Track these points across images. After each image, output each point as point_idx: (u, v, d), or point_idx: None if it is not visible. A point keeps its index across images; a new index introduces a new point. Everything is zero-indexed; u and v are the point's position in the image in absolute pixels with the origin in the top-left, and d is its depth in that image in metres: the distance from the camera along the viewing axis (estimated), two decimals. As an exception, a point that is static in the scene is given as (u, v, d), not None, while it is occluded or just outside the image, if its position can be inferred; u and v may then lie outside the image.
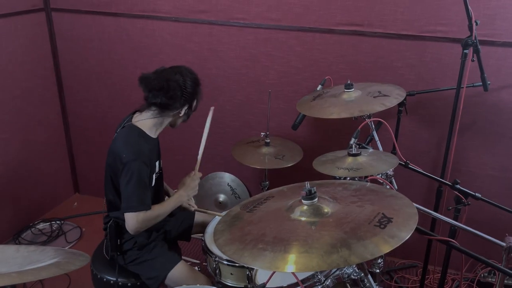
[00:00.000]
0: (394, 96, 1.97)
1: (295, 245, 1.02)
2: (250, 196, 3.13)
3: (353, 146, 1.64)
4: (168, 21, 2.93)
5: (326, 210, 1.17)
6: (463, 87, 2.06)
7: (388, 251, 0.99)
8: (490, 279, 2.64)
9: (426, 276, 2.58)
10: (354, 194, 1.28)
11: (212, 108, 2.20)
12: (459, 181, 1.86)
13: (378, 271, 2.02)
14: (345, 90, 2.06)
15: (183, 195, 2.02)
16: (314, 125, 2.82)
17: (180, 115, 1.99)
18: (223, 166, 3.10)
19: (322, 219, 1.14)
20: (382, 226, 1.06)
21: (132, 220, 1.84)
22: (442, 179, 2.13)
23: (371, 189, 1.33)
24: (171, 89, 1.89)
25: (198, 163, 2.14)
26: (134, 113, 2.02)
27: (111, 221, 1.99)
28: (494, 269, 1.58)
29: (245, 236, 1.12)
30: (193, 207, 2.14)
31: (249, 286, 1.97)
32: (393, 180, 2.02)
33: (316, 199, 1.19)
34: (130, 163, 1.83)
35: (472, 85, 2.22)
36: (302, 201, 1.19)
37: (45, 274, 0.91)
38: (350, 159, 1.63)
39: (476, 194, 1.85)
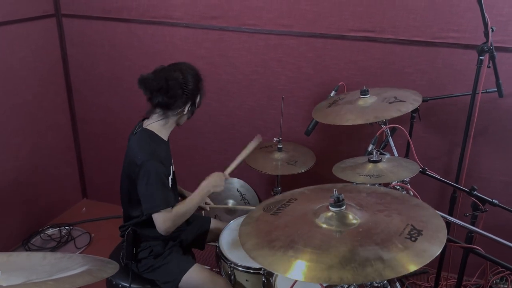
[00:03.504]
0: (410, 102, 1.97)
1: (327, 256, 1.02)
2: (260, 202, 3.13)
3: (374, 152, 1.63)
4: (179, 27, 2.94)
5: (354, 219, 1.16)
6: (478, 93, 2.06)
7: (421, 266, 0.98)
8: (502, 286, 2.64)
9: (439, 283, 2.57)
10: (380, 202, 1.28)
11: (259, 137, 2.24)
12: (476, 187, 1.87)
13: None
14: (361, 96, 2.06)
15: (209, 186, 2.01)
16: (325, 131, 2.82)
17: (184, 113, 1.96)
18: (233, 172, 3.09)
19: (351, 228, 1.13)
20: (413, 239, 1.05)
21: (160, 221, 1.84)
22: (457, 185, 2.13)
23: (395, 196, 1.33)
24: (171, 88, 1.87)
25: (231, 167, 2.15)
26: (143, 120, 2.03)
27: (129, 229, 1.98)
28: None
29: (274, 241, 1.11)
30: (208, 204, 2.13)
31: (264, 292, 1.96)
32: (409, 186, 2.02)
33: (344, 206, 1.19)
34: (146, 164, 1.83)
35: (487, 91, 2.22)
36: (330, 208, 1.19)
37: (81, 281, 0.91)
38: (370, 165, 1.63)
39: (494, 200, 1.85)
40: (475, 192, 1.86)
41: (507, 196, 2.55)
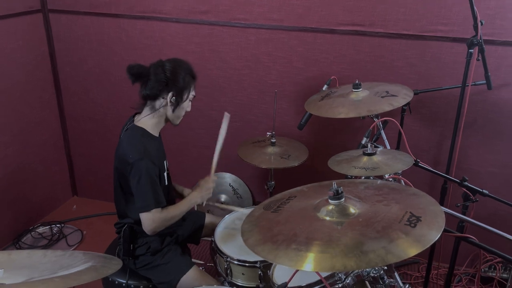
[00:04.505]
0: (402, 96, 1.99)
1: (330, 246, 1.04)
2: (252, 196, 3.14)
3: (369, 145, 1.65)
4: (168, 22, 2.92)
5: (353, 210, 1.18)
6: (468, 85, 2.10)
7: (422, 250, 1.01)
8: (490, 274, 2.70)
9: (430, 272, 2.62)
10: (378, 193, 1.30)
11: (226, 115, 2.22)
12: (467, 178, 1.90)
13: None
14: (353, 90, 2.08)
15: (197, 197, 2.03)
16: (317, 125, 2.84)
17: (168, 104, 1.92)
18: (225, 167, 3.10)
19: (351, 218, 1.15)
20: (412, 225, 1.09)
21: (148, 220, 1.84)
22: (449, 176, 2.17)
23: (392, 187, 1.36)
24: (151, 74, 1.88)
25: (213, 167, 2.16)
26: (134, 115, 2.02)
27: (125, 226, 1.97)
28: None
29: (276, 236, 1.13)
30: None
31: (260, 286, 1.98)
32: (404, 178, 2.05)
33: (343, 199, 1.21)
34: (137, 163, 1.83)
35: (476, 83, 2.26)
36: (329, 201, 1.20)
37: (87, 278, 0.91)
38: (365, 158, 1.65)
39: (484, 190, 1.89)
40: (466, 183, 1.89)
41: (495, 187, 2.61)
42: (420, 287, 2.66)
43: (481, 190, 1.89)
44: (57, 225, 3.18)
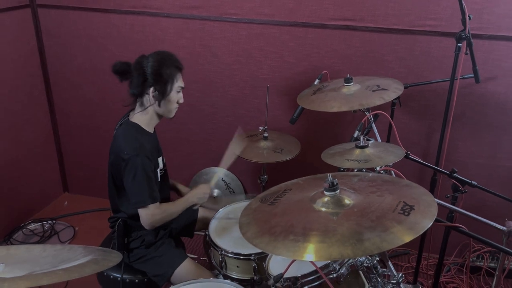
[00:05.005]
0: (393, 90, 2.03)
1: (327, 236, 1.06)
2: (245, 190, 3.16)
3: (361, 138, 1.68)
4: (159, 17, 2.92)
5: (348, 201, 1.21)
6: (457, 79, 2.14)
7: (416, 236, 1.04)
8: (478, 263, 2.76)
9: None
10: (372, 184, 1.33)
11: (239, 129, 2.34)
12: (456, 170, 1.95)
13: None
14: (345, 84, 2.10)
15: (194, 197, 2.08)
16: (308, 119, 2.86)
17: (153, 99, 1.91)
18: (217, 161, 3.10)
19: (346, 209, 1.18)
20: (406, 213, 1.12)
21: (146, 216, 1.86)
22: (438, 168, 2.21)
23: (385, 179, 1.39)
24: (132, 70, 1.89)
25: (214, 179, 2.29)
26: (130, 111, 2.03)
27: (119, 220, 1.98)
28: (501, 252, 1.65)
29: (274, 228, 1.15)
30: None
31: (255, 277, 2.00)
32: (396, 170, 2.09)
33: (338, 190, 1.23)
34: (132, 159, 1.84)
35: (464, 77, 2.30)
36: (325, 192, 1.23)
37: (89, 270, 0.92)
38: (358, 151, 1.68)
39: (472, 182, 1.94)
40: (456, 174, 1.94)
41: (482, 178, 2.67)
42: (410, 277, 2.71)
43: (470, 181, 1.94)
44: (49, 222, 3.16)
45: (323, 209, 1.20)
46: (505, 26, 2.43)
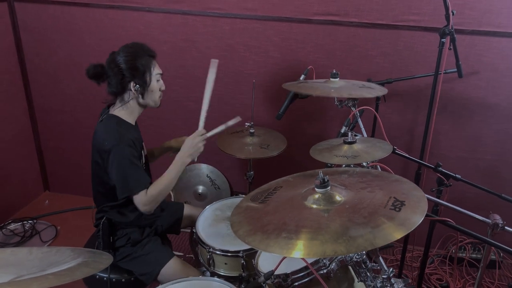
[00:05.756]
0: (378, 89, 2.03)
1: (320, 233, 1.06)
2: (230, 186, 3.15)
3: (349, 134, 1.68)
4: (141, 12, 2.87)
5: (339, 198, 1.21)
6: (440, 73, 2.16)
7: (408, 232, 1.05)
8: (460, 255, 2.82)
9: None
10: (361, 180, 1.33)
11: (214, 61, 2.11)
12: (441, 164, 1.97)
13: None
14: (331, 79, 2.09)
15: (185, 156, 1.94)
16: (294, 115, 2.86)
17: (135, 93, 1.89)
18: (202, 158, 3.06)
19: (338, 206, 1.18)
20: (397, 209, 1.12)
21: (138, 203, 1.83)
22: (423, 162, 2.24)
23: (375, 175, 1.39)
24: (107, 70, 1.87)
25: (201, 120, 2.05)
26: (109, 106, 1.99)
27: (104, 218, 1.94)
28: (487, 244, 1.67)
29: (266, 226, 1.14)
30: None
31: (243, 274, 2.00)
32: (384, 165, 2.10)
33: (329, 187, 1.23)
34: (114, 149, 1.81)
35: (447, 71, 2.33)
36: (316, 189, 1.22)
37: (80, 274, 0.90)
38: (346, 147, 1.68)
39: (456, 175, 1.97)
40: (440, 168, 1.96)
41: (465, 171, 2.72)
42: (396, 269, 2.74)
43: (454, 175, 1.96)
44: (29, 221, 3.09)
45: (315, 206, 1.19)
46: (486, 22, 2.46)
